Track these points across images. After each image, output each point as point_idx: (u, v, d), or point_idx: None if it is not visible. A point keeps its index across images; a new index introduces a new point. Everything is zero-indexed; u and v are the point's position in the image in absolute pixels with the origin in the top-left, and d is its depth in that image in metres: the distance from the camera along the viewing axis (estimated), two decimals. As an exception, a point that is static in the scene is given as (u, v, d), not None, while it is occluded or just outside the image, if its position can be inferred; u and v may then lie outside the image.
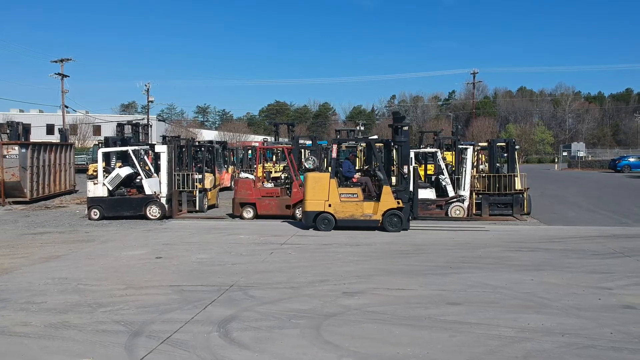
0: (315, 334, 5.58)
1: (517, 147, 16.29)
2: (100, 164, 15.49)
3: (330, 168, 13.32)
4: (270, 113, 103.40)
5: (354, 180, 13.16)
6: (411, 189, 12.77)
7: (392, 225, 12.53)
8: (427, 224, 13.70)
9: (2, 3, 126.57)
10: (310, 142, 17.29)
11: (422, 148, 20.66)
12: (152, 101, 59.72)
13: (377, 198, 12.71)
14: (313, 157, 14.40)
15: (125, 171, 15.56)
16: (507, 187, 15.72)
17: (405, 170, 12.70)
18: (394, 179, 13.03)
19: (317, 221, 12.79)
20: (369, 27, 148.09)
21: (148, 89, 58.61)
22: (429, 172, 18.38)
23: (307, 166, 14.33)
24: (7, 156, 19.34)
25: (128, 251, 10.35)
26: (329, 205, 12.76)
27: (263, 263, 9.20)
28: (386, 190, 12.61)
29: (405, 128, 12.95)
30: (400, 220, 12.54)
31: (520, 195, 15.78)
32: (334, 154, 13.13)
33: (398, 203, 12.56)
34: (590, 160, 55.26)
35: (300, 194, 14.86)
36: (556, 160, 58.69)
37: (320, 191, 12.83)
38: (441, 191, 15.24)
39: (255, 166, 19.49)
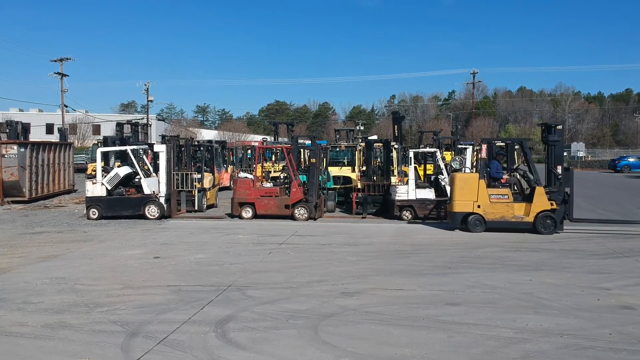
0: (313, 335, 5.56)
1: (516, 147, 16.24)
2: (99, 164, 15.46)
3: (478, 168, 13.07)
4: (270, 113, 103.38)
5: (503, 181, 12.91)
6: (566, 189, 12.27)
7: (545, 227, 12.19)
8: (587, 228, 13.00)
9: (1, 3, 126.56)
10: (310, 141, 17.26)
11: (422, 148, 20.65)
12: (151, 101, 59.76)
13: (529, 199, 12.40)
14: (460, 158, 14.25)
15: (124, 171, 15.53)
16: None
17: (559, 170, 12.31)
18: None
19: (468, 222, 12.61)
20: (369, 27, 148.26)
21: (148, 89, 58.65)
22: (428, 172, 18.36)
23: (453, 166, 14.22)
24: (6, 155, 19.30)
25: (126, 251, 10.33)
26: (478, 207, 12.55)
27: (261, 263, 9.18)
28: (539, 191, 12.25)
29: (559, 127, 12.55)
30: (554, 222, 12.19)
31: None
32: (484, 154, 12.91)
33: (552, 204, 12.20)
34: (590, 161, 55.25)
35: (298, 194, 14.86)
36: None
37: (469, 192, 12.61)
38: (440, 191, 15.21)
39: (254, 166, 19.48)
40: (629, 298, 6.93)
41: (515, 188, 12.94)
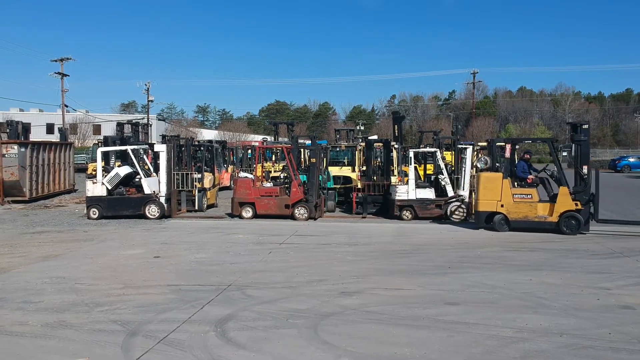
0: (313, 334, 5.57)
1: (517, 147, 16.23)
2: (100, 163, 15.47)
3: (501, 168, 13.07)
4: (270, 113, 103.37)
5: (529, 180, 12.87)
6: (592, 190, 12.09)
7: (568, 228, 12.09)
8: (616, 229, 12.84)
9: (2, 2, 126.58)
10: (310, 141, 17.27)
11: (422, 148, 20.64)
12: (152, 100, 59.79)
13: (553, 199, 12.36)
14: (486, 157, 14.26)
15: (124, 170, 15.53)
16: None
17: (585, 170, 12.16)
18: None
19: (494, 222, 12.67)
20: (369, 27, 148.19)
21: (148, 89, 58.70)
22: (428, 172, 18.36)
23: (479, 166, 14.22)
24: (6, 155, 19.31)
25: (126, 250, 10.33)
26: (502, 206, 12.61)
27: (261, 263, 9.19)
28: (563, 191, 12.17)
29: (585, 126, 12.38)
30: (579, 223, 12.07)
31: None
32: (507, 154, 12.97)
33: (576, 205, 12.10)
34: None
35: (298, 194, 14.86)
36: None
37: (493, 191, 12.68)
38: (440, 191, 15.21)
39: (254, 166, 19.47)
40: (629, 298, 6.93)
41: (545, 188, 12.94)
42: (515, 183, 12.97)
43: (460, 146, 15.73)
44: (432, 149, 17.39)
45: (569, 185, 12.40)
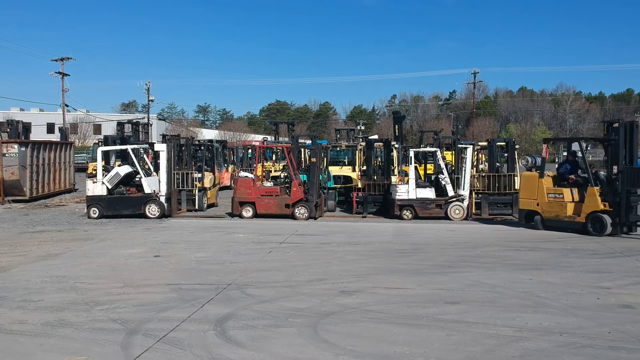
0: (312, 333, 5.57)
1: (517, 146, 16.26)
2: (100, 163, 15.47)
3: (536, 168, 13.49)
4: (271, 112, 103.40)
5: (570, 180, 12.82)
6: (619, 190, 11.69)
7: (594, 229, 11.85)
8: None
9: (2, 2, 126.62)
10: (310, 141, 17.27)
11: (422, 147, 20.64)
12: (152, 100, 59.79)
13: (583, 199, 12.25)
14: (530, 157, 14.46)
15: (125, 170, 15.53)
16: (506, 187, 15.70)
17: (614, 170, 11.89)
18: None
19: (534, 220, 12.92)
20: (369, 27, 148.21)
21: (148, 88, 58.68)
22: (428, 172, 18.36)
23: (522, 165, 14.33)
24: (6, 154, 19.32)
25: (126, 250, 10.34)
26: (537, 205, 12.88)
27: (261, 262, 9.19)
28: (591, 191, 11.98)
29: (615, 125, 12.12)
30: (603, 224, 11.74)
31: (520, 195, 15.75)
32: (544, 154, 13.48)
33: (604, 206, 11.84)
34: (591, 161, 55.10)
35: (299, 193, 14.86)
36: (557, 160, 58.61)
37: (530, 190, 13.03)
38: (441, 191, 15.20)
39: (254, 165, 19.47)
40: (629, 297, 6.93)
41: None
42: (558, 182, 13.01)
43: (460, 146, 15.73)
44: (433, 149, 17.40)
45: (599, 185, 12.10)
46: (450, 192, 15.01)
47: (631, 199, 11.67)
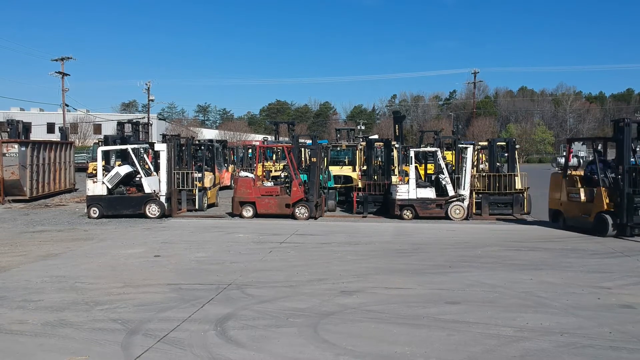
0: (313, 333, 5.56)
1: (517, 146, 16.26)
2: (100, 163, 15.46)
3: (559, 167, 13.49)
4: (271, 112, 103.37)
5: (594, 180, 12.66)
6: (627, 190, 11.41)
7: (598, 229, 11.81)
8: None
9: (2, 2, 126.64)
10: (311, 141, 17.26)
11: (422, 147, 20.64)
12: (152, 100, 59.81)
13: (592, 199, 12.22)
14: (558, 157, 14.56)
15: (125, 169, 15.53)
16: (507, 187, 15.71)
17: (620, 170, 11.70)
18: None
19: (560, 220, 13.18)
20: (369, 27, 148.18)
21: (149, 88, 58.69)
22: (429, 172, 18.36)
23: (553, 166, 14.37)
24: (7, 154, 19.31)
25: (126, 249, 10.33)
26: (560, 204, 13.18)
27: (261, 262, 9.18)
28: (599, 191, 11.97)
29: (621, 124, 11.91)
30: (606, 225, 11.62)
31: (520, 195, 15.77)
32: (568, 154, 13.73)
33: (608, 206, 11.73)
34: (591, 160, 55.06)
35: (299, 193, 14.85)
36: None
37: (556, 190, 13.39)
38: (441, 190, 15.20)
39: (255, 165, 19.47)
40: (629, 297, 6.92)
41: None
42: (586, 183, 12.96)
43: (460, 146, 15.72)
44: (433, 149, 17.41)
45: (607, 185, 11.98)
46: (451, 192, 15.00)
47: (635, 200, 11.44)
